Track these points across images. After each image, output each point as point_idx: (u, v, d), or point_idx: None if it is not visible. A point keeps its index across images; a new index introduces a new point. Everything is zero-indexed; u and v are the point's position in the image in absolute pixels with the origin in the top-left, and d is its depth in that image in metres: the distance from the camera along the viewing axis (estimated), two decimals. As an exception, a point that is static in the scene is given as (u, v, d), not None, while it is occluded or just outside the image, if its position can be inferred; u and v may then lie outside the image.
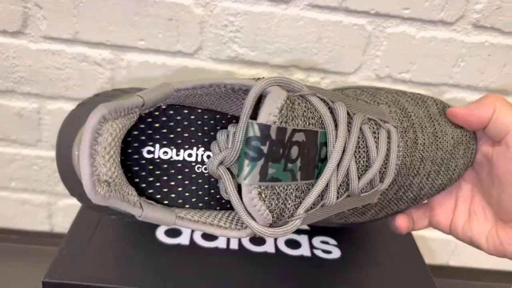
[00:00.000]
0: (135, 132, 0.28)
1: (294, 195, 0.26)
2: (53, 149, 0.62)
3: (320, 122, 0.27)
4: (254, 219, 0.25)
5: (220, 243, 0.41)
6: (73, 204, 0.44)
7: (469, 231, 0.36)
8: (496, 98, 0.34)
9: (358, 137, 0.29)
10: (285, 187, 0.25)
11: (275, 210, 0.25)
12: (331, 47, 0.55)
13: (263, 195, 0.24)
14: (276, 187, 0.25)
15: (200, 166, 0.30)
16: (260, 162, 0.23)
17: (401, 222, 0.38)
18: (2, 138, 0.61)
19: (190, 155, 0.29)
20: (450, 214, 0.38)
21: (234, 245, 0.41)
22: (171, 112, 0.29)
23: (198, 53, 0.55)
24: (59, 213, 0.68)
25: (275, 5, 0.52)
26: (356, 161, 0.29)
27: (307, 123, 0.26)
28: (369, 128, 0.30)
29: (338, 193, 0.28)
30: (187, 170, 0.29)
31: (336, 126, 0.27)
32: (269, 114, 0.24)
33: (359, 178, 0.29)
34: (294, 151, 0.25)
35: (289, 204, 0.26)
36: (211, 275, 0.37)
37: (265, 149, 0.23)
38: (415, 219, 0.39)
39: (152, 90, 0.27)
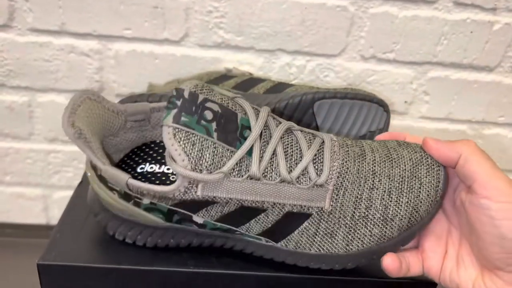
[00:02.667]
0: (135, 155, 0.42)
1: (212, 151, 0.32)
2: (46, 142, 0.63)
3: (242, 112, 0.34)
4: (174, 161, 0.31)
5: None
6: (69, 196, 0.45)
7: (456, 278, 0.35)
8: (466, 144, 0.34)
9: (292, 139, 0.35)
10: (201, 139, 0.32)
11: (190, 154, 0.31)
12: (316, 29, 0.56)
13: (177, 136, 0.31)
14: (191, 136, 0.31)
15: (174, 176, 0.40)
16: (174, 111, 0.32)
17: (389, 262, 0.35)
18: (-5, 133, 0.62)
19: (168, 169, 0.41)
20: (440, 259, 0.36)
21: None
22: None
23: (185, 40, 0.56)
24: (55, 205, 0.69)
25: (258, -11, 0.53)
26: (286, 154, 0.34)
27: (225, 104, 0.33)
28: (304, 136, 0.36)
29: (264, 169, 0.33)
30: (164, 178, 0.40)
31: (257, 115, 0.35)
32: (188, 84, 0.33)
33: (290, 170, 0.34)
34: (208, 114, 0.32)
35: (207, 157, 0.32)
36: (205, 256, 0.38)
37: (178, 103, 0.32)
38: (411, 263, 0.36)
39: (134, 104, 0.40)
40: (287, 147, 0.35)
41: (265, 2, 0.54)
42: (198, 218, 0.35)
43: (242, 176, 0.33)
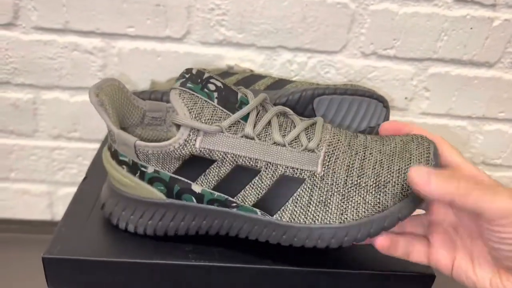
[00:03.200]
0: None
1: (211, 111, 0.36)
2: (51, 139, 0.64)
3: (243, 93, 0.39)
4: (177, 115, 0.36)
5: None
6: (73, 193, 0.46)
7: (473, 276, 0.34)
8: (457, 184, 0.31)
9: (287, 119, 0.39)
10: (202, 101, 0.36)
11: (192, 110, 0.36)
12: (316, 26, 0.56)
13: (182, 96, 0.36)
14: (194, 97, 0.36)
15: None
16: (182, 80, 0.37)
17: (380, 240, 0.35)
18: (0, 130, 0.63)
19: None
20: (450, 255, 0.36)
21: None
22: None
23: (187, 38, 0.57)
24: (59, 202, 0.70)
25: (259, -13, 0.53)
26: (280, 126, 0.38)
27: (227, 84, 0.38)
28: (299, 118, 0.39)
29: (259, 133, 0.37)
30: None
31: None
32: (199, 67, 0.39)
33: (283, 136, 0.37)
34: (211, 86, 0.37)
35: (206, 114, 0.36)
36: (206, 248, 0.39)
37: (187, 76, 0.37)
38: (414, 250, 0.37)
39: (153, 102, 0.44)
40: (282, 122, 0.38)
41: (266, 0, 0.54)
42: (196, 187, 0.37)
43: (237, 134, 0.36)
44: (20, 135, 0.64)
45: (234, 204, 0.37)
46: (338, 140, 0.38)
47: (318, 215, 0.36)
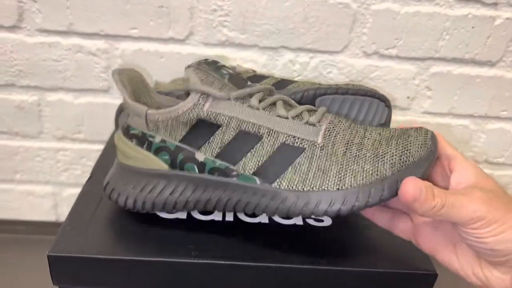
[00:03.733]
0: None
1: (221, 85, 0.38)
2: (55, 140, 0.64)
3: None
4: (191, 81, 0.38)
5: (216, 216, 0.43)
6: (77, 193, 0.46)
7: (457, 263, 0.35)
8: (441, 200, 0.32)
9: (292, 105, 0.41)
10: (214, 77, 0.39)
11: (204, 80, 0.38)
12: (318, 26, 0.56)
13: (196, 71, 0.39)
14: (207, 74, 0.39)
15: None
16: (200, 62, 0.43)
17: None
18: (5, 132, 0.63)
19: None
20: (434, 241, 0.37)
21: (229, 217, 0.43)
22: None
23: (190, 39, 0.57)
24: (64, 202, 0.70)
25: (261, -12, 0.54)
26: (285, 107, 0.40)
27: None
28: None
29: (264, 107, 0.38)
30: None
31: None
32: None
33: (287, 111, 0.39)
34: (224, 71, 0.43)
35: (216, 86, 0.38)
36: (208, 246, 0.39)
37: (203, 60, 0.44)
38: (395, 224, 0.38)
39: (166, 97, 0.46)
40: (286, 106, 0.40)
41: (269, 0, 0.54)
42: (200, 155, 0.38)
43: (243, 104, 0.38)
44: (25, 137, 0.64)
45: (234, 173, 0.38)
46: (339, 121, 0.39)
47: (317, 182, 0.36)
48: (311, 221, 0.44)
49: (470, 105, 0.63)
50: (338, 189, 0.35)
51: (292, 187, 0.36)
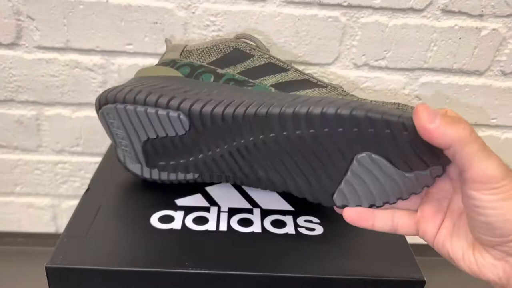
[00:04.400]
0: None
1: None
2: (54, 153, 0.66)
3: None
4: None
5: (210, 226, 0.44)
6: (76, 205, 0.48)
7: (449, 245, 0.35)
8: (458, 135, 0.30)
9: None
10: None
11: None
12: (309, 39, 0.58)
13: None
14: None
15: None
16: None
17: (349, 213, 0.38)
18: (5, 146, 0.65)
19: None
20: (438, 224, 0.36)
21: (223, 227, 0.44)
22: None
23: (184, 53, 0.59)
24: (63, 214, 0.72)
25: (253, 3, 0.55)
26: None
27: None
28: None
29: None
30: None
31: None
32: None
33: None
34: None
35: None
36: (202, 255, 0.40)
37: None
38: (399, 223, 0.37)
39: None
40: None
41: (260, 15, 0.56)
42: (221, 70, 0.40)
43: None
44: (24, 150, 0.65)
45: (251, 83, 0.39)
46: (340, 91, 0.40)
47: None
48: (303, 230, 0.45)
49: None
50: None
51: (301, 92, 0.39)
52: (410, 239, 0.44)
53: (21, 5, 0.54)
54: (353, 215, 0.38)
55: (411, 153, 0.33)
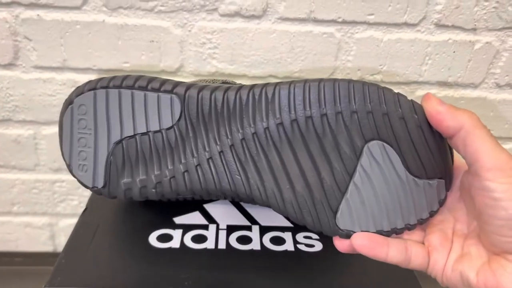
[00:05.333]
0: None
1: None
2: (51, 172, 0.66)
3: None
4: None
5: (209, 244, 0.44)
6: (74, 224, 0.48)
7: (460, 266, 0.32)
8: (470, 116, 0.30)
9: None
10: None
11: None
12: (304, 55, 0.58)
13: None
14: None
15: None
16: None
17: (359, 241, 0.34)
18: (2, 165, 0.65)
19: None
20: (446, 254, 0.34)
21: (222, 245, 0.44)
22: None
23: (181, 71, 0.59)
24: (61, 233, 0.71)
25: (248, 21, 0.56)
26: None
27: None
28: None
29: None
30: None
31: None
32: None
33: None
34: None
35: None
36: (201, 274, 0.40)
37: None
38: (413, 253, 0.34)
39: None
40: None
41: (256, 33, 0.56)
42: None
43: None
44: (21, 170, 0.65)
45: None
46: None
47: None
48: (302, 247, 0.45)
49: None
50: None
51: None
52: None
53: (18, 26, 0.55)
54: (365, 242, 0.34)
55: (420, 144, 0.33)
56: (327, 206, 0.35)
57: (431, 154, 0.33)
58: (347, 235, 0.35)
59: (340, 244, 0.35)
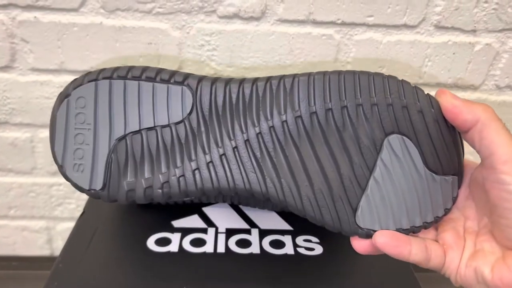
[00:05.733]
0: None
1: None
2: (48, 176, 0.65)
3: None
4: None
5: (208, 248, 0.43)
6: (71, 227, 0.47)
7: (474, 262, 0.32)
8: (485, 109, 0.30)
9: None
10: None
11: None
12: (303, 57, 0.58)
13: None
14: None
15: None
16: None
17: (382, 240, 0.33)
18: (-1, 169, 0.64)
19: None
20: (460, 253, 0.33)
21: (221, 249, 0.43)
22: None
23: (179, 73, 0.59)
24: (59, 237, 0.71)
25: (247, 22, 0.56)
26: None
27: None
28: None
29: None
30: None
31: None
32: None
33: None
34: None
35: None
36: (200, 278, 0.40)
37: None
38: (433, 251, 0.33)
39: None
40: None
41: (254, 35, 0.56)
42: None
43: None
44: (18, 173, 0.65)
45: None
46: None
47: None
48: (302, 250, 0.44)
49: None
50: None
51: None
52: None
53: (15, 28, 0.54)
54: (388, 240, 0.33)
55: (437, 138, 0.33)
56: (347, 204, 0.34)
57: (446, 149, 0.33)
58: (367, 234, 0.34)
59: (359, 245, 0.35)
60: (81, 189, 0.36)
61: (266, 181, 0.34)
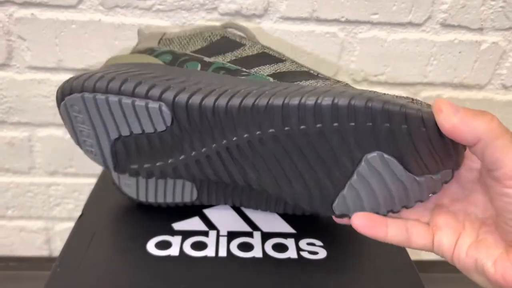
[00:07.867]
0: None
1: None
2: (47, 175, 0.64)
3: None
4: None
5: (209, 252, 0.42)
6: (70, 228, 0.46)
7: (476, 253, 0.31)
8: (488, 125, 0.28)
9: None
10: None
11: None
12: (307, 55, 0.57)
13: None
14: None
15: None
16: None
17: (358, 220, 0.33)
18: (-4, 168, 0.63)
19: None
20: (455, 236, 0.33)
21: (222, 252, 0.42)
22: None
23: (179, 71, 0.58)
24: (57, 237, 0.70)
25: (249, 20, 0.54)
26: None
27: None
28: None
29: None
30: None
31: None
32: None
33: None
34: None
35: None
36: (201, 283, 0.39)
37: None
38: (413, 233, 0.33)
39: None
40: None
41: (257, 32, 0.55)
42: (209, 59, 0.35)
43: None
44: (16, 173, 0.64)
45: (245, 73, 0.34)
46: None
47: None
48: (305, 254, 0.43)
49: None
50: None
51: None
52: (414, 257, 0.42)
53: (12, 25, 0.53)
54: (364, 221, 0.33)
55: (426, 153, 0.31)
56: (324, 198, 0.34)
57: (438, 157, 0.32)
58: (342, 216, 0.35)
59: (338, 220, 0.36)
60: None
61: (247, 173, 0.35)
